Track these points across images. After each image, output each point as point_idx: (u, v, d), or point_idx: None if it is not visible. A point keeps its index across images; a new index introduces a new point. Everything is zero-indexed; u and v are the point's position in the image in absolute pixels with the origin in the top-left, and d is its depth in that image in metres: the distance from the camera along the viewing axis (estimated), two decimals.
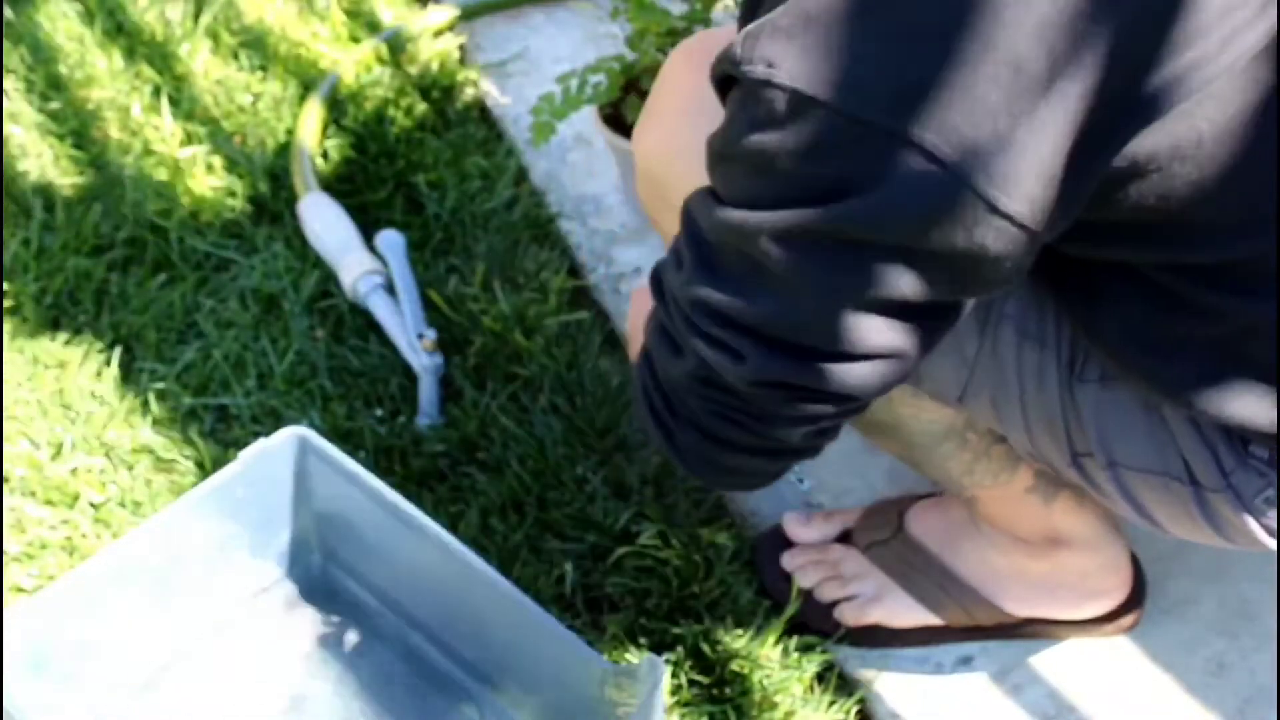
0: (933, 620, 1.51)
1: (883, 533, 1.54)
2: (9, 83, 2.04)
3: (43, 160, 1.96)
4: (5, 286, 1.81)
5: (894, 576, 1.52)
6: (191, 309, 1.81)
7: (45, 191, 1.92)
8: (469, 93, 2.05)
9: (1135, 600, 1.52)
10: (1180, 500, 1.24)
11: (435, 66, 2.04)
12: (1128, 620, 1.52)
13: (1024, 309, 1.21)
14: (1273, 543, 1.24)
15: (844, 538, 1.57)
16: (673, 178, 1.25)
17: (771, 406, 1.10)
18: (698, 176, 1.20)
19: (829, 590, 1.53)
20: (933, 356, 1.18)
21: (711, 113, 1.20)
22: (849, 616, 1.52)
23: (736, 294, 1.06)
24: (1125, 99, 0.98)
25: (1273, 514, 1.21)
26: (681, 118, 1.26)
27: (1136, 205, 1.04)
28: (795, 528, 1.58)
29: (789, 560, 1.56)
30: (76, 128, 2.00)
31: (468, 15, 2.11)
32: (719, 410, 1.12)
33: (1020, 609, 1.50)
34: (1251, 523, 1.22)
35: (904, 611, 1.52)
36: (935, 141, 0.96)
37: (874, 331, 1.04)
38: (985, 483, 1.40)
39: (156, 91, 2.03)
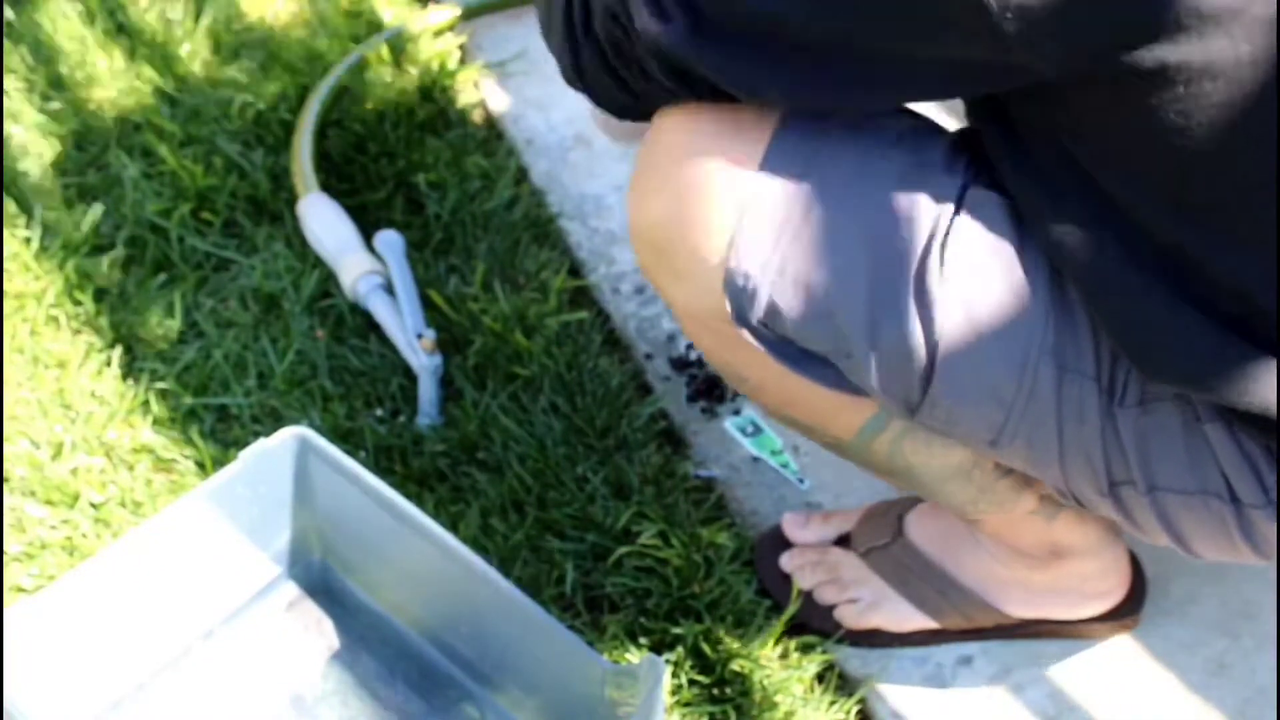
0: (932, 625, 1.51)
1: (882, 537, 1.53)
2: (9, 83, 2.04)
3: (43, 160, 1.96)
4: (5, 286, 1.81)
5: (893, 583, 1.52)
6: (191, 309, 1.81)
7: (45, 191, 1.92)
8: (469, 93, 2.05)
9: (1135, 599, 1.52)
10: (1218, 520, 1.23)
11: (435, 66, 2.04)
12: (1128, 620, 1.52)
13: (1062, 339, 1.19)
14: None
15: (842, 540, 1.57)
16: (683, 247, 1.23)
17: (651, 70, 1.17)
18: (709, 241, 1.20)
19: (828, 593, 1.53)
20: (965, 404, 1.19)
21: (719, 172, 1.19)
22: (849, 620, 1.52)
23: None
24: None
25: None
26: (685, 177, 1.23)
27: (1158, 118, 1.04)
28: (793, 529, 1.58)
29: (787, 561, 1.55)
30: (76, 128, 2.00)
31: (468, 15, 2.11)
32: (615, 44, 1.19)
33: (1021, 612, 1.50)
34: None
35: (904, 617, 1.52)
36: None
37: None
38: (990, 511, 1.40)
39: (157, 91, 2.03)
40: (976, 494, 1.37)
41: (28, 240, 1.87)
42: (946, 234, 1.17)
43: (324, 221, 1.83)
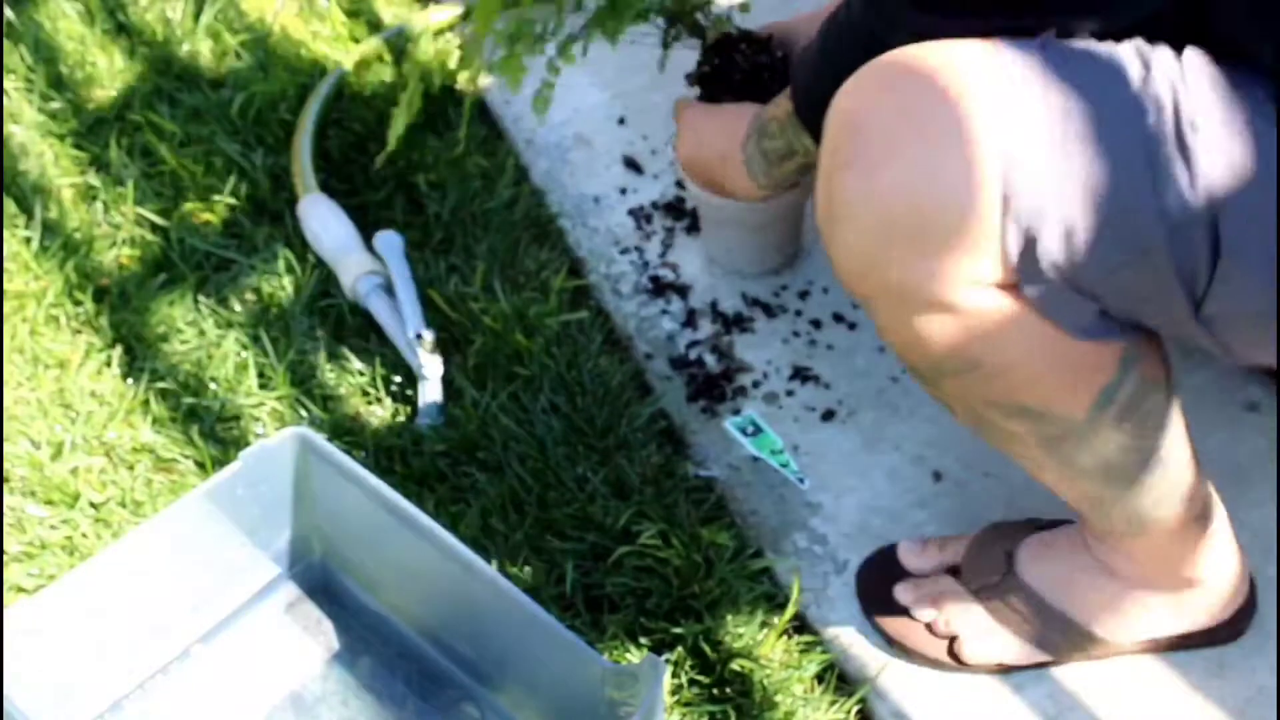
0: (1048, 658, 1.50)
1: (992, 575, 1.50)
2: (9, 82, 2.04)
3: (43, 160, 1.96)
4: (5, 286, 1.81)
5: (1007, 623, 1.49)
6: (191, 309, 1.81)
7: (45, 191, 1.92)
8: (469, 93, 2.05)
9: (1250, 607, 1.51)
10: None
11: (435, 66, 2.04)
12: (1243, 626, 1.51)
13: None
14: None
15: (953, 570, 1.54)
16: (943, 209, 1.15)
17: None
18: (981, 190, 1.13)
19: (947, 626, 1.51)
20: (1252, 267, 1.15)
21: (973, 114, 1.13)
22: (968, 655, 1.50)
23: None
24: None
25: None
26: (931, 131, 1.14)
27: None
28: (910, 557, 1.55)
29: (904, 594, 1.53)
30: (76, 128, 2.00)
31: (468, 15, 2.11)
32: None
33: (1141, 639, 1.49)
34: None
35: (1024, 653, 1.50)
36: None
37: None
38: (1163, 519, 1.38)
39: (157, 91, 2.03)
40: (1164, 494, 1.35)
41: (28, 240, 1.87)
42: (1178, 96, 1.14)
43: (324, 221, 1.83)
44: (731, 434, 1.69)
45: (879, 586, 1.55)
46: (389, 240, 1.82)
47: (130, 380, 1.75)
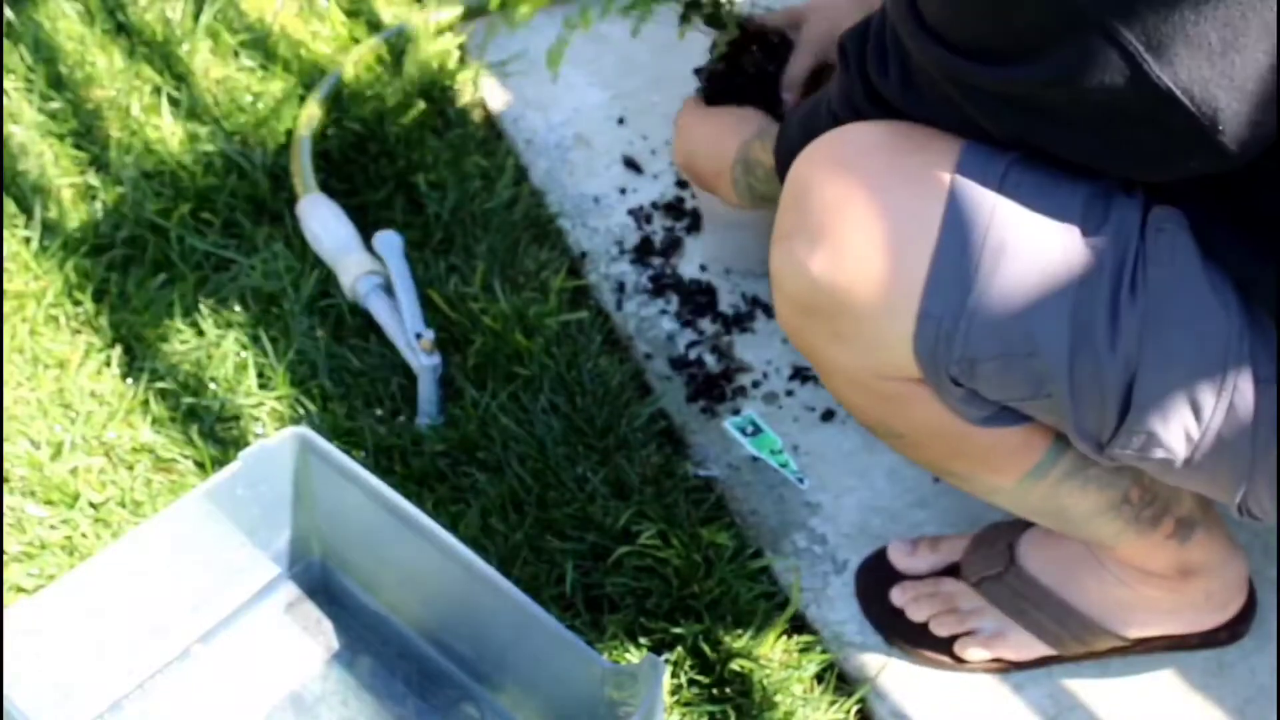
0: (1050, 653, 1.50)
1: (994, 566, 1.51)
2: (9, 82, 2.04)
3: (43, 160, 1.96)
4: (5, 286, 1.81)
5: (1009, 613, 1.50)
6: (191, 309, 1.81)
7: (45, 191, 1.92)
8: (469, 93, 2.05)
9: (1249, 610, 1.51)
10: None
11: (435, 66, 2.04)
12: (1241, 629, 1.51)
13: (1256, 349, 1.15)
14: None
15: (950, 569, 1.55)
16: (861, 300, 1.17)
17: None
18: (897, 291, 1.14)
19: (945, 625, 1.52)
20: (1163, 427, 1.16)
21: (905, 216, 1.15)
22: (972, 652, 1.51)
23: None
24: None
25: None
26: (863, 224, 1.16)
27: None
28: (901, 558, 1.56)
29: (899, 596, 1.54)
30: (76, 128, 2.00)
31: (468, 15, 2.11)
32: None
33: (1140, 633, 1.49)
34: None
35: (1026, 647, 1.50)
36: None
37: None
38: (1130, 541, 1.39)
39: (156, 91, 2.03)
40: (1123, 526, 1.36)
41: (28, 240, 1.87)
42: (1136, 258, 1.13)
43: (323, 221, 1.83)
44: (731, 434, 1.69)
45: (876, 588, 1.55)
46: (389, 240, 1.82)
47: (130, 380, 1.75)
